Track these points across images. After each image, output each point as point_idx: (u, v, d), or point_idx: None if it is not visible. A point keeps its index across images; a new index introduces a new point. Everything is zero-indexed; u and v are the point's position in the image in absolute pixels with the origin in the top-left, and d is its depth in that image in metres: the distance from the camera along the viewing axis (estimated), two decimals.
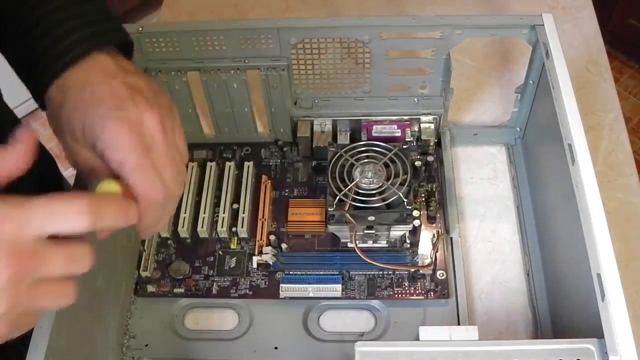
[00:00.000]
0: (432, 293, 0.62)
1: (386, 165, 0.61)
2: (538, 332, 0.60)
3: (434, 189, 0.68)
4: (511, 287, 0.64)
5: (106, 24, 0.45)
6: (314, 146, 0.71)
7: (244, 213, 0.66)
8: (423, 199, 0.68)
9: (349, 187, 0.60)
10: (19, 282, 0.33)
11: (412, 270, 0.63)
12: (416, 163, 0.65)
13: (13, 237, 0.32)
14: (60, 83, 0.42)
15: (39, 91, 0.44)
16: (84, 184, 0.50)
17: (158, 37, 0.63)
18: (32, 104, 0.46)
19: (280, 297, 0.62)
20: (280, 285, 0.63)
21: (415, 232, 0.61)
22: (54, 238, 0.34)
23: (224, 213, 0.67)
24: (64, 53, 0.42)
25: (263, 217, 0.67)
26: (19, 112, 0.63)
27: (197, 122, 0.72)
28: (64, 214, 0.34)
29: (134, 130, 0.40)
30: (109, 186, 0.39)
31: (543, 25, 0.61)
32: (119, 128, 0.39)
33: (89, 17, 0.44)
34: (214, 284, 0.64)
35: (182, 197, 0.67)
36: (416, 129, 0.71)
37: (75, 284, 0.36)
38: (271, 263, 0.63)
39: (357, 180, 0.60)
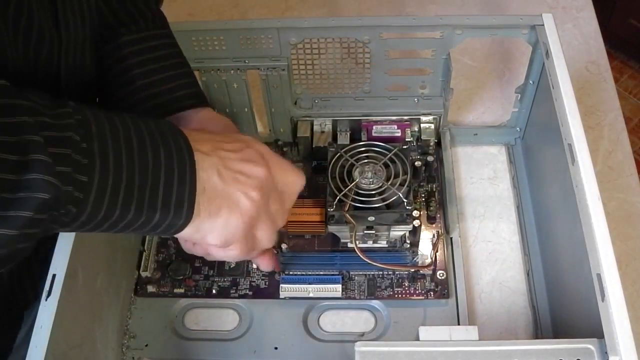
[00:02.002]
0: (432, 293, 0.62)
1: (386, 166, 0.61)
2: (538, 332, 0.60)
3: (434, 189, 0.68)
4: (511, 287, 0.64)
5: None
6: (314, 146, 0.71)
7: None
8: (423, 199, 0.68)
9: (349, 187, 0.60)
10: (268, 186, 0.44)
11: (412, 270, 0.63)
12: (416, 163, 0.65)
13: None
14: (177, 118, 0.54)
15: None
16: None
17: None
18: None
19: (280, 297, 0.62)
20: (280, 285, 0.63)
21: (415, 232, 0.61)
22: None
23: None
24: (184, 99, 0.55)
25: None
26: None
27: None
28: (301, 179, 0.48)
29: None
30: None
31: (543, 25, 0.61)
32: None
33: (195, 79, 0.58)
34: (214, 284, 0.64)
35: None
36: (416, 129, 0.71)
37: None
38: None
39: (357, 180, 0.60)
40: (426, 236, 0.65)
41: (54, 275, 0.48)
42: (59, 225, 0.36)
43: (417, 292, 0.62)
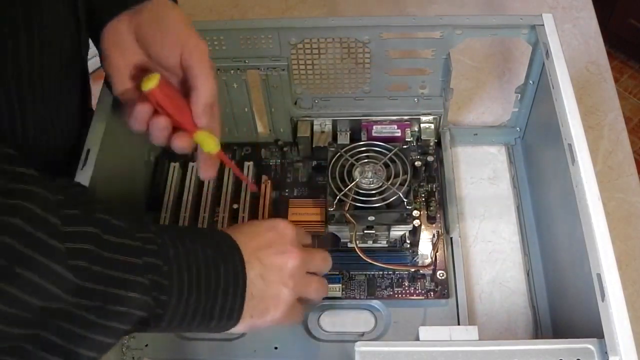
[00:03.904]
0: (432, 293, 0.62)
1: (386, 165, 0.61)
2: (538, 332, 0.60)
3: (434, 189, 0.68)
4: (511, 287, 0.64)
5: None
6: (314, 146, 0.71)
7: (244, 213, 0.66)
8: (423, 199, 0.68)
9: (349, 187, 0.60)
10: (300, 269, 0.48)
11: (412, 270, 0.63)
12: (416, 163, 0.65)
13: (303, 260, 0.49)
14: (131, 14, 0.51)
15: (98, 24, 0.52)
16: None
17: None
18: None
19: None
20: None
21: (415, 232, 0.61)
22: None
23: (224, 213, 0.67)
24: None
25: (263, 217, 0.67)
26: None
27: None
28: (325, 263, 0.54)
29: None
30: (151, 82, 0.47)
31: (543, 25, 0.61)
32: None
33: None
34: None
35: (182, 196, 0.67)
36: (416, 129, 0.71)
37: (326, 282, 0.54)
38: None
39: (357, 180, 0.60)
40: (426, 236, 0.65)
41: None
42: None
43: (417, 292, 0.62)
